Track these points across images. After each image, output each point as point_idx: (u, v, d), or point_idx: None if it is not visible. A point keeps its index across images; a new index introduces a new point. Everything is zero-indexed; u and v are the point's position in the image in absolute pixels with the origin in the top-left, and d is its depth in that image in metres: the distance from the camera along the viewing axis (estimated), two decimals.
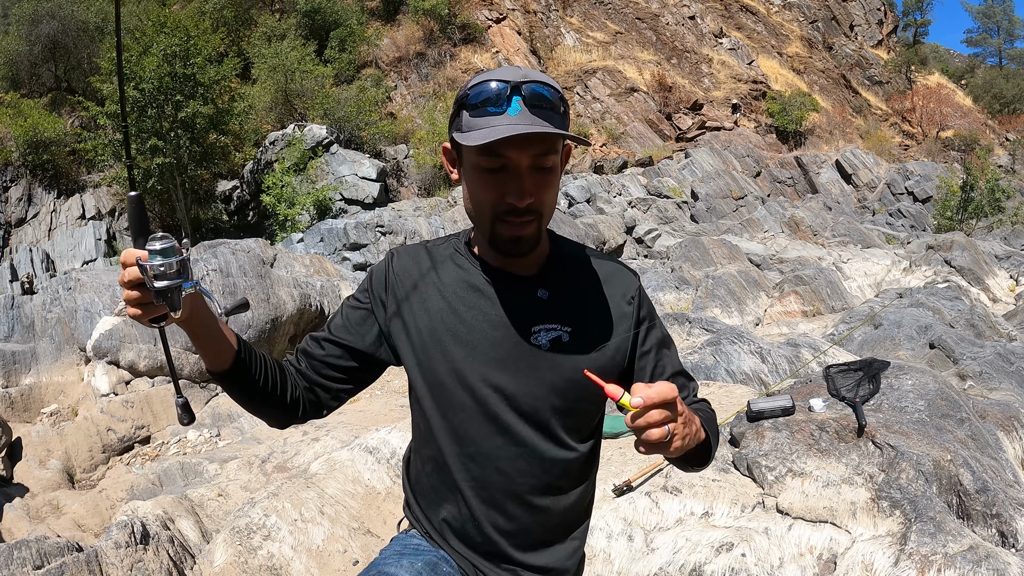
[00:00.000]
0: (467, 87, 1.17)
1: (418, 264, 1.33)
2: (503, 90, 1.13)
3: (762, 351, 5.85)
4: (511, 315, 1.26)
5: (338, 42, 23.41)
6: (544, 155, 1.15)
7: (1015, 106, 39.61)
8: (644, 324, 1.34)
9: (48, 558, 3.05)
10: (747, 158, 22.65)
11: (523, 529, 1.30)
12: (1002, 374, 5.23)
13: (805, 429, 3.09)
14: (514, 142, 1.11)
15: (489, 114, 1.13)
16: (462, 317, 1.27)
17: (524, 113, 1.11)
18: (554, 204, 1.23)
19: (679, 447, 1.04)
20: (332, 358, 1.33)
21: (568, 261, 1.33)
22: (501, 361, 1.25)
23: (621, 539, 2.82)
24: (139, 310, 1.08)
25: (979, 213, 16.98)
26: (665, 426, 1.01)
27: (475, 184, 1.19)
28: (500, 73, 1.15)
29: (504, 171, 1.15)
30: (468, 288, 1.29)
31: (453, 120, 1.21)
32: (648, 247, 14.65)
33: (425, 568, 1.28)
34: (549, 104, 1.14)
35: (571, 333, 1.27)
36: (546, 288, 1.29)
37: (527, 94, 1.12)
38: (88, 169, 18.84)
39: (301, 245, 13.88)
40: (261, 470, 4.59)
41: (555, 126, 1.13)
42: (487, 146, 1.12)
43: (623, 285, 1.34)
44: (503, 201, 1.16)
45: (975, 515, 2.67)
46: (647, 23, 29.73)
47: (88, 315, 7.64)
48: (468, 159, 1.19)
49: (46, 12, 20.14)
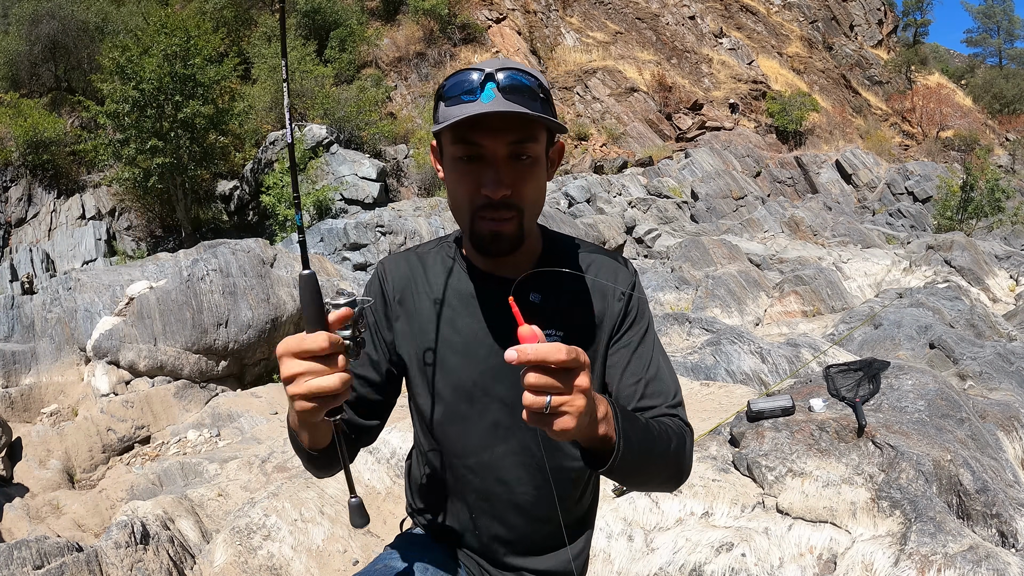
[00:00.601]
0: (445, 80, 1.13)
1: (410, 272, 1.29)
2: (478, 77, 1.08)
3: (762, 351, 5.85)
4: (503, 320, 1.20)
5: (338, 42, 23.41)
6: (521, 143, 1.09)
7: (1015, 106, 39.62)
8: (627, 320, 1.26)
9: (48, 558, 3.05)
10: (747, 158, 22.65)
11: (524, 536, 1.29)
12: (1002, 374, 5.23)
13: (805, 429, 3.09)
14: (487, 127, 1.07)
15: (463, 102, 1.08)
16: (456, 325, 1.24)
17: (498, 99, 1.06)
18: (538, 200, 1.16)
19: (566, 428, 0.87)
20: (365, 393, 1.26)
21: (561, 262, 1.27)
22: (497, 369, 1.21)
23: (621, 539, 2.82)
24: (319, 403, 0.92)
25: (979, 213, 16.98)
26: (546, 395, 0.86)
27: (452, 176, 1.15)
28: (477, 64, 1.11)
29: (480, 161, 1.10)
30: (460, 295, 1.25)
31: (434, 115, 1.17)
32: (648, 247, 14.65)
33: (430, 561, 1.28)
34: (526, 90, 1.08)
35: (564, 338, 1.20)
36: (538, 291, 1.24)
37: (501, 80, 1.07)
38: (88, 169, 18.84)
39: None
40: (261, 470, 4.58)
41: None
42: (458, 132, 1.09)
43: (615, 282, 1.28)
44: (479, 193, 1.11)
45: (975, 515, 2.67)
46: (647, 23, 29.73)
47: (88, 315, 7.64)
48: (446, 151, 1.15)
49: (46, 12, 20.13)
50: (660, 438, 1.10)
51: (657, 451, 1.09)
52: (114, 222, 18.29)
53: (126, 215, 18.62)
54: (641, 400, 1.22)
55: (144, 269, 8.71)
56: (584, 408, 0.88)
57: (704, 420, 4.09)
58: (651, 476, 1.13)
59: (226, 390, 6.95)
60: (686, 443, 1.18)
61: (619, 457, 0.99)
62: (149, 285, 7.58)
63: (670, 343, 7.09)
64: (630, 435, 1.01)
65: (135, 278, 8.18)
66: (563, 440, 0.94)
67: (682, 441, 1.17)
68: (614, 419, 0.99)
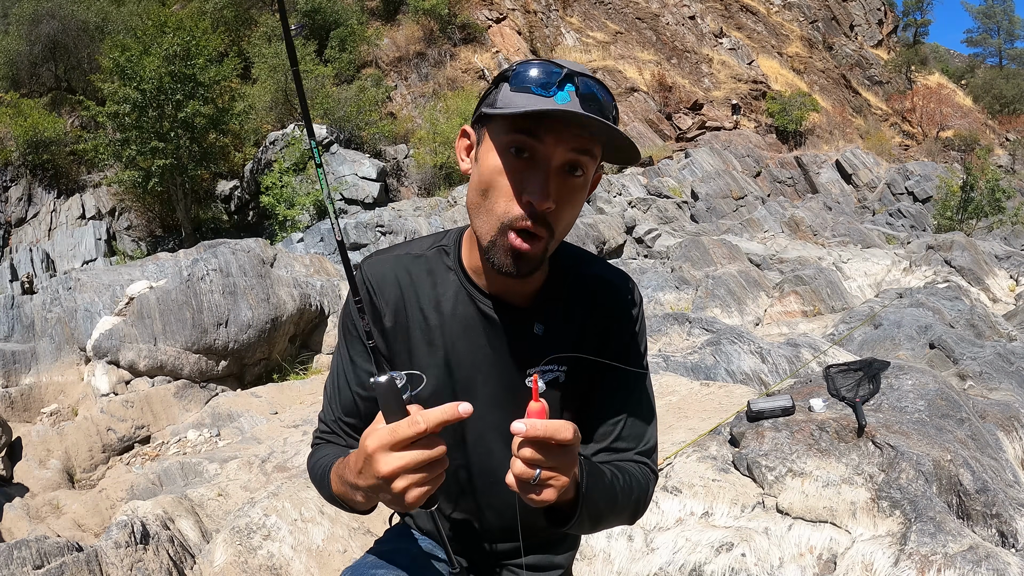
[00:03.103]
0: (514, 64, 1.02)
1: (400, 289, 1.18)
2: (557, 73, 0.97)
3: (762, 351, 5.85)
4: (505, 353, 1.15)
5: (338, 42, 23.41)
6: (582, 153, 0.99)
7: (1015, 106, 39.64)
8: (623, 357, 1.19)
9: (48, 558, 3.05)
10: (747, 158, 22.65)
11: (513, 529, 1.29)
12: (1002, 374, 5.23)
13: (805, 429, 3.09)
14: (555, 128, 0.96)
15: (534, 94, 0.96)
16: (456, 348, 1.16)
17: (574, 103, 0.96)
18: (569, 227, 1.05)
19: (546, 499, 0.88)
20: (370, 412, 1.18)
21: (566, 288, 1.18)
22: (497, 400, 1.15)
23: (621, 539, 2.82)
24: (428, 486, 0.88)
25: (979, 213, 16.99)
26: (536, 468, 0.86)
27: (493, 168, 1.00)
28: (557, 60, 1.01)
29: (531, 162, 0.99)
30: (461, 318, 1.16)
31: (484, 98, 1.04)
32: (648, 247, 14.65)
33: (418, 553, 1.28)
34: (601, 105, 0.99)
35: (567, 373, 1.17)
36: (541, 322, 1.16)
37: (581, 86, 0.97)
38: (88, 169, 18.85)
39: (301, 245, 13.90)
40: (261, 470, 4.59)
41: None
42: (519, 122, 0.97)
43: (620, 316, 1.20)
44: (520, 198, 0.99)
45: (975, 515, 2.67)
46: (647, 23, 29.73)
47: (88, 315, 7.65)
48: (493, 138, 1.01)
49: (46, 12, 20.14)
50: (622, 493, 1.09)
51: (616, 509, 1.09)
52: (114, 222, 18.29)
53: (126, 215, 18.64)
54: (615, 441, 1.19)
55: (144, 269, 8.71)
56: (568, 484, 0.89)
57: (704, 420, 4.09)
58: (604, 526, 1.13)
59: (226, 390, 6.95)
60: (648, 492, 1.18)
61: (577, 522, 0.99)
62: (149, 285, 7.59)
63: (670, 343, 7.09)
64: (592, 492, 1.00)
65: (135, 278, 8.18)
66: (535, 507, 0.91)
67: (643, 493, 1.16)
68: (581, 482, 0.97)
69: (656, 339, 7.19)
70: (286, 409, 6.21)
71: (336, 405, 1.24)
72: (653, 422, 1.23)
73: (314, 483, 1.19)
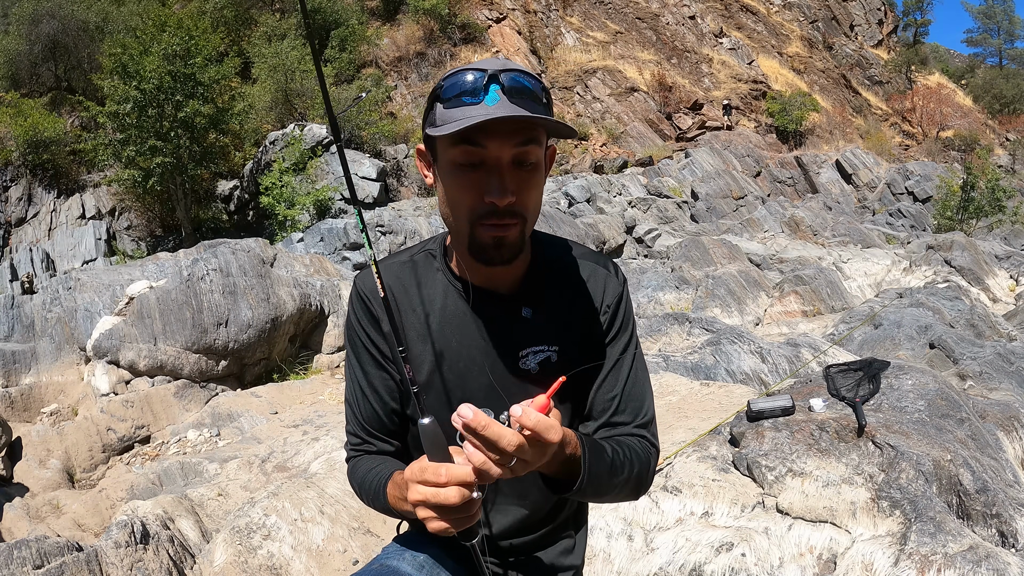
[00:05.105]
0: (441, 80, 1.08)
1: (392, 293, 1.24)
2: (480, 79, 1.03)
3: (762, 351, 5.85)
4: (497, 339, 1.20)
5: (338, 42, 23.40)
6: (526, 145, 1.05)
7: (1015, 106, 39.63)
8: (610, 333, 1.25)
9: (48, 558, 3.05)
10: (747, 158, 22.65)
11: (522, 531, 1.30)
12: (1002, 374, 5.24)
13: (805, 429, 3.09)
14: (494, 131, 1.02)
15: (465, 104, 1.03)
16: (449, 342, 1.21)
17: (503, 102, 1.01)
18: (538, 208, 1.13)
19: (516, 474, 0.92)
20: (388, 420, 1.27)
21: (550, 271, 1.24)
22: (492, 388, 1.20)
23: (621, 539, 2.82)
24: (448, 524, 0.93)
25: (979, 213, 16.98)
26: (506, 465, 0.90)
27: (451, 184, 1.08)
28: (476, 64, 1.06)
29: (483, 167, 1.05)
30: (454, 314, 1.21)
31: (427, 117, 1.11)
32: (648, 247, 14.65)
33: (427, 561, 1.29)
34: (530, 94, 1.04)
35: (559, 352, 1.21)
36: (529, 306, 1.21)
37: (506, 82, 1.03)
38: (88, 169, 18.84)
39: (301, 245, 13.88)
40: (261, 470, 4.59)
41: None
42: (464, 136, 1.02)
43: (603, 293, 1.25)
44: (482, 201, 1.06)
45: (975, 515, 2.67)
46: (647, 23, 29.72)
47: (88, 315, 7.64)
48: (443, 156, 1.09)
49: (46, 12, 20.14)
50: (623, 466, 1.13)
51: (618, 480, 1.13)
52: (114, 222, 18.29)
53: (126, 215, 18.63)
54: (613, 416, 1.23)
55: (144, 269, 8.70)
56: (540, 465, 0.95)
57: (704, 420, 4.09)
58: (608, 499, 1.18)
59: (226, 390, 6.95)
60: (649, 465, 1.21)
61: (581, 486, 1.04)
62: (149, 285, 7.58)
63: (670, 343, 7.09)
64: (594, 469, 1.05)
65: (135, 278, 8.18)
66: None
67: (645, 465, 1.19)
68: (581, 453, 1.03)
69: (656, 339, 7.19)
70: (286, 409, 6.21)
71: (359, 415, 1.30)
72: (649, 394, 1.28)
73: (364, 498, 1.25)
